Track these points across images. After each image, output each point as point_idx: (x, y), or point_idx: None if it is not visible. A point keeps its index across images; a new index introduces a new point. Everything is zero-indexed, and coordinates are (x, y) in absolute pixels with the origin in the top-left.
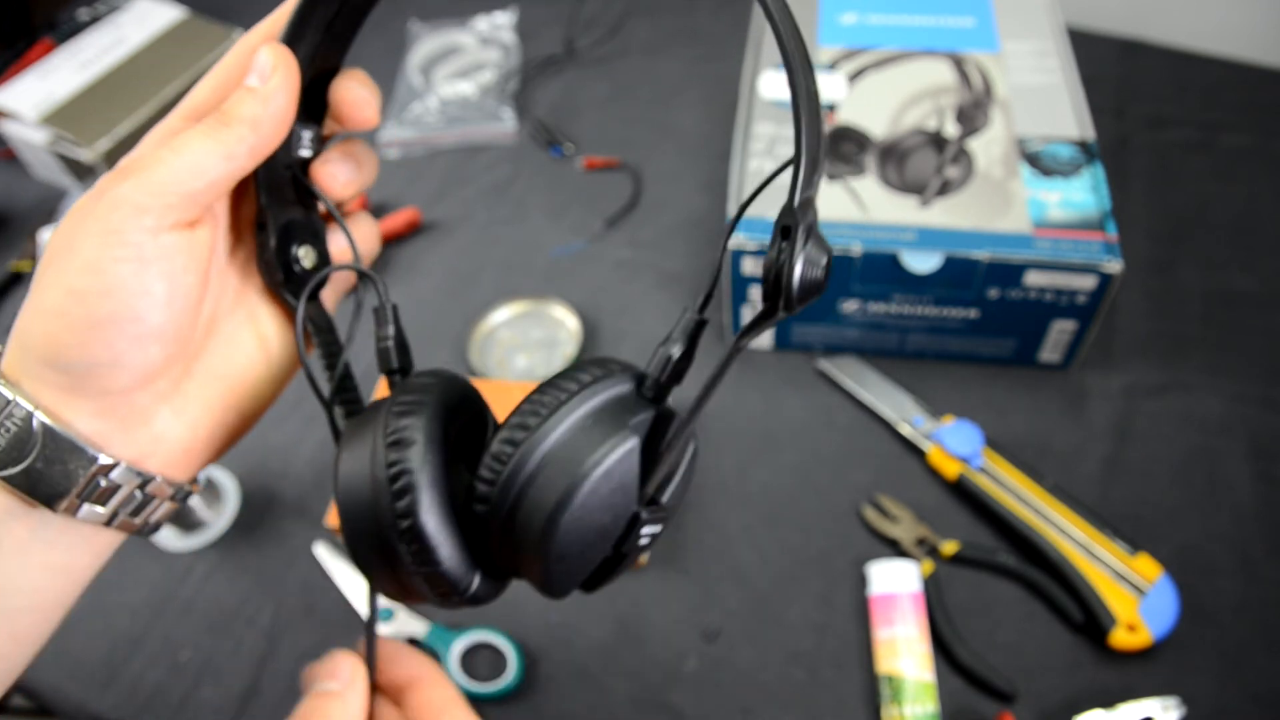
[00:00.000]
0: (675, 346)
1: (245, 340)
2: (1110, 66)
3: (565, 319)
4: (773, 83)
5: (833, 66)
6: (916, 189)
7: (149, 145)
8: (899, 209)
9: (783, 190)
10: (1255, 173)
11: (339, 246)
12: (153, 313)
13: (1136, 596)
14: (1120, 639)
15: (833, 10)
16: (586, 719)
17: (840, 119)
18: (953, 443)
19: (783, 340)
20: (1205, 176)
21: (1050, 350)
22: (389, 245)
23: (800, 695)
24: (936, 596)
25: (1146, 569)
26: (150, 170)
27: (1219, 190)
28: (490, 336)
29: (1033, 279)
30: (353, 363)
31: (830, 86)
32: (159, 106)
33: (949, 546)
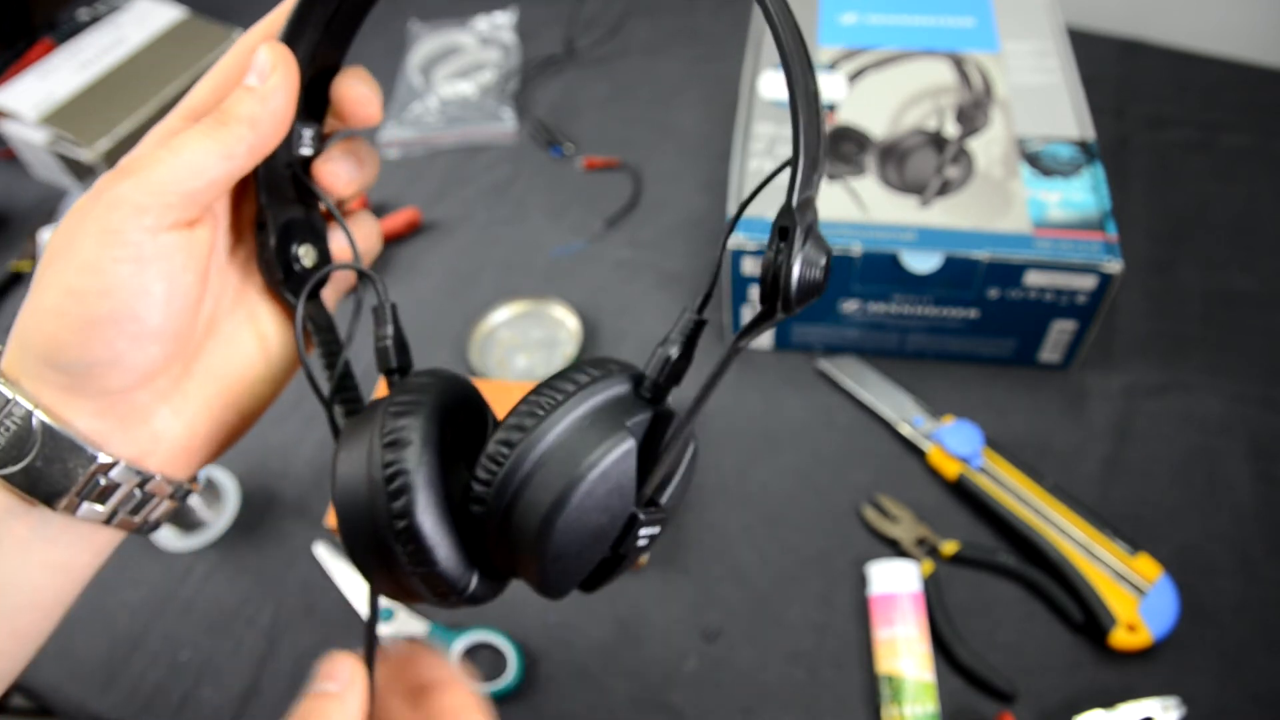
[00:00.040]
0: (673, 347)
1: (245, 339)
2: (1110, 66)
3: (565, 319)
4: (773, 83)
5: (833, 66)
6: (916, 189)
7: (148, 145)
8: (899, 209)
9: (785, 190)
10: (1255, 173)
11: (340, 245)
12: (151, 312)
13: (1136, 596)
14: (1120, 639)
15: (833, 10)
16: (586, 719)
17: (840, 119)
18: (953, 443)
19: (783, 340)
20: (1205, 176)
21: (1050, 350)
22: (389, 245)
23: (800, 695)
24: (936, 596)
25: (1146, 569)
26: (149, 170)
27: (1219, 190)
28: (490, 336)
29: (1033, 279)
30: (354, 362)
31: (830, 86)
32: (159, 106)
33: (949, 546)
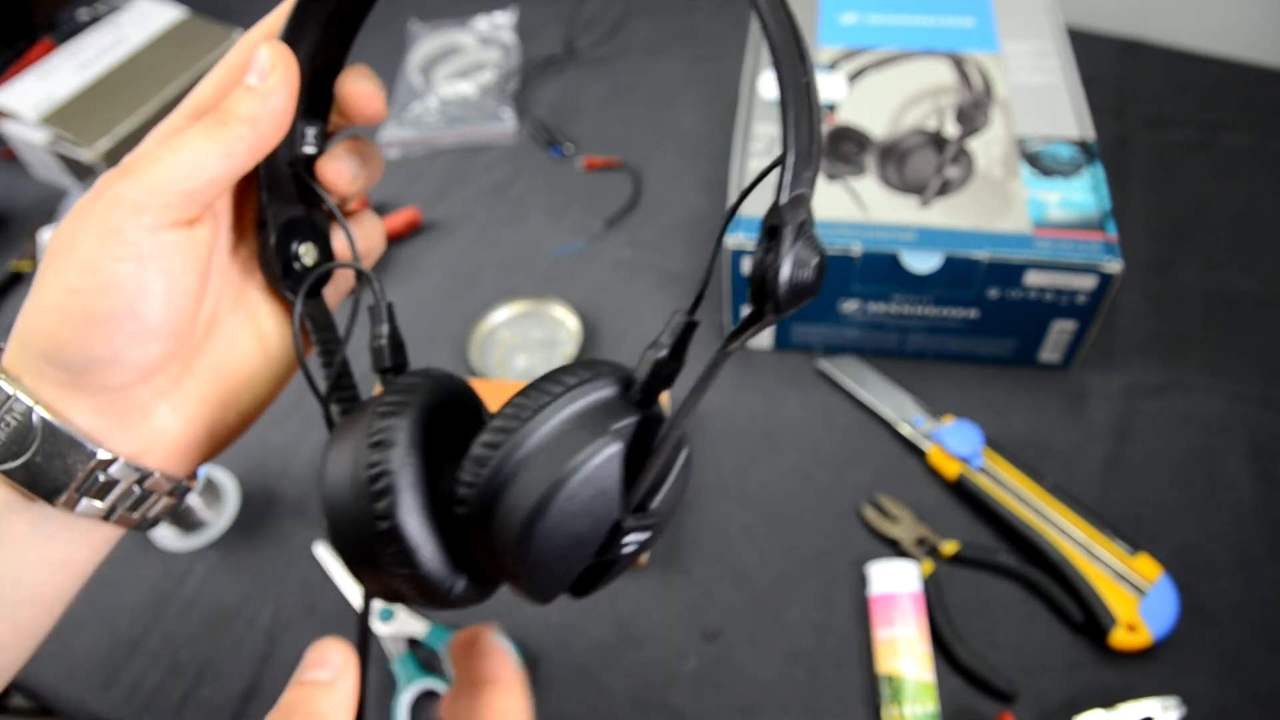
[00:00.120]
0: (662, 350)
1: (245, 338)
2: (1110, 66)
3: (565, 319)
4: (773, 82)
5: (833, 66)
6: (916, 189)
7: (150, 144)
8: (899, 209)
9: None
10: (1255, 173)
11: (343, 245)
12: (151, 310)
13: (1136, 596)
14: (1120, 639)
15: (833, 10)
16: (586, 719)
17: (840, 119)
18: (953, 443)
19: (783, 340)
20: (1205, 176)
21: (1050, 350)
22: (389, 245)
23: (800, 695)
24: (936, 596)
25: (1146, 569)
26: (149, 169)
27: (1219, 190)
28: (490, 336)
29: (1033, 279)
30: (354, 362)
31: (830, 86)
32: (159, 106)
33: (949, 546)
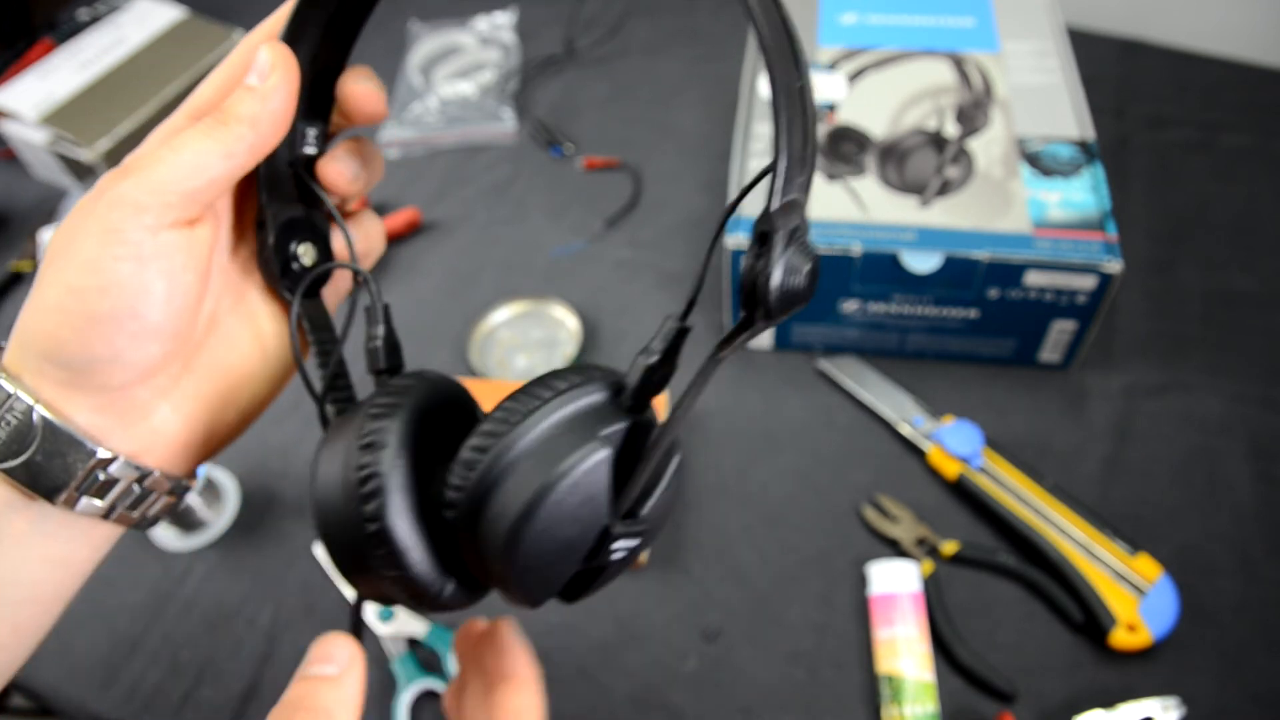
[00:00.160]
0: (654, 355)
1: (244, 338)
2: (1110, 66)
3: (565, 319)
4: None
5: (833, 66)
6: (916, 189)
7: (151, 144)
8: (899, 209)
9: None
10: (1255, 173)
11: (343, 245)
12: (151, 310)
13: (1136, 596)
14: (1120, 639)
15: (833, 10)
16: (586, 719)
17: (840, 119)
18: (953, 443)
19: (783, 340)
20: (1205, 176)
21: (1050, 350)
22: (389, 245)
23: (800, 695)
24: (936, 596)
25: (1146, 569)
26: (149, 169)
27: (1219, 190)
28: (490, 336)
29: (1033, 279)
30: (354, 362)
31: (830, 86)
32: (159, 106)
33: (949, 546)
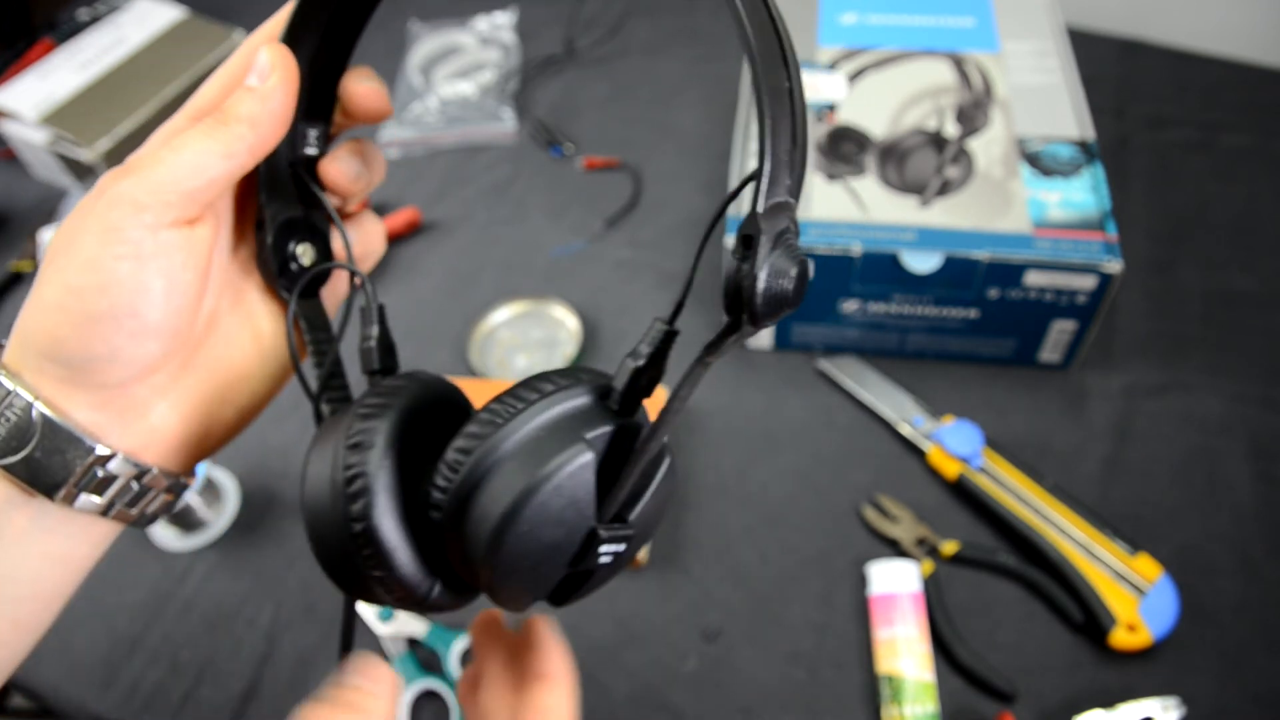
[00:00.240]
0: (641, 359)
1: (243, 337)
2: (1110, 66)
3: (565, 319)
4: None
5: (833, 66)
6: (916, 189)
7: (152, 145)
8: (899, 209)
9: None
10: (1255, 173)
11: (342, 246)
12: (150, 309)
13: (1136, 596)
14: (1120, 639)
15: (833, 10)
16: (587, 719)
17: (840, 119)
18: (953, 443)
19: (783, 340)
20: (1205, 176)
21: (1050, 350)
22: (389, 245)
23: (800, 695)
24: (936, 596)
25: (1146, 569)
26: (150, 169)
27: (1219, 190)
28: (490, 336)
29: (1033, 279)
30: (352, 363)
31: (830, 86)
32: (159, 106)
33: (949, 546)
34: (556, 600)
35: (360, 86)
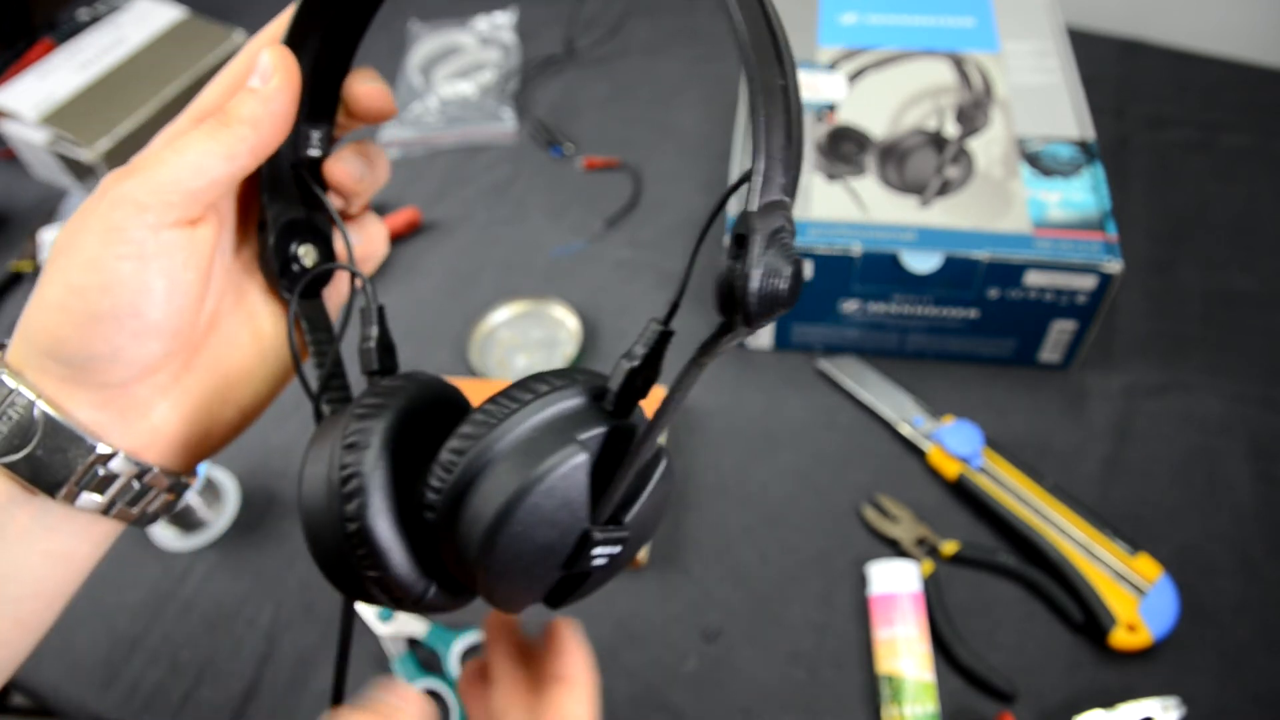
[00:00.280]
0: (635, 360)
1: (244, 337)
2: (1110, 66)
3: (565, 319)
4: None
5: (833, 66)
6: (916, 189)
7: (155, 146)
8: (899, 209)
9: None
10: (1255, 173)
11: (344, 247)
12: (152, 309)
13: (1136, 596)
14: (1120, 639)
15: (833, 10)
16: None
17: (840, 119)
18: (953, 443)
19: (783, 340)
20: (1205, 176)
21: (1050, 350)
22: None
23: (800, 695)
24: (936, 596)
25: (1146, 569)
26: (152, 169)
27: (1219, 190)
28: (490, 336)
29: (1033, 279)
30: (353, 364)
31: (830, 86)
32: (159, 106)
33: (949, 546)
34: (554, 602)
35: (364, 87)
